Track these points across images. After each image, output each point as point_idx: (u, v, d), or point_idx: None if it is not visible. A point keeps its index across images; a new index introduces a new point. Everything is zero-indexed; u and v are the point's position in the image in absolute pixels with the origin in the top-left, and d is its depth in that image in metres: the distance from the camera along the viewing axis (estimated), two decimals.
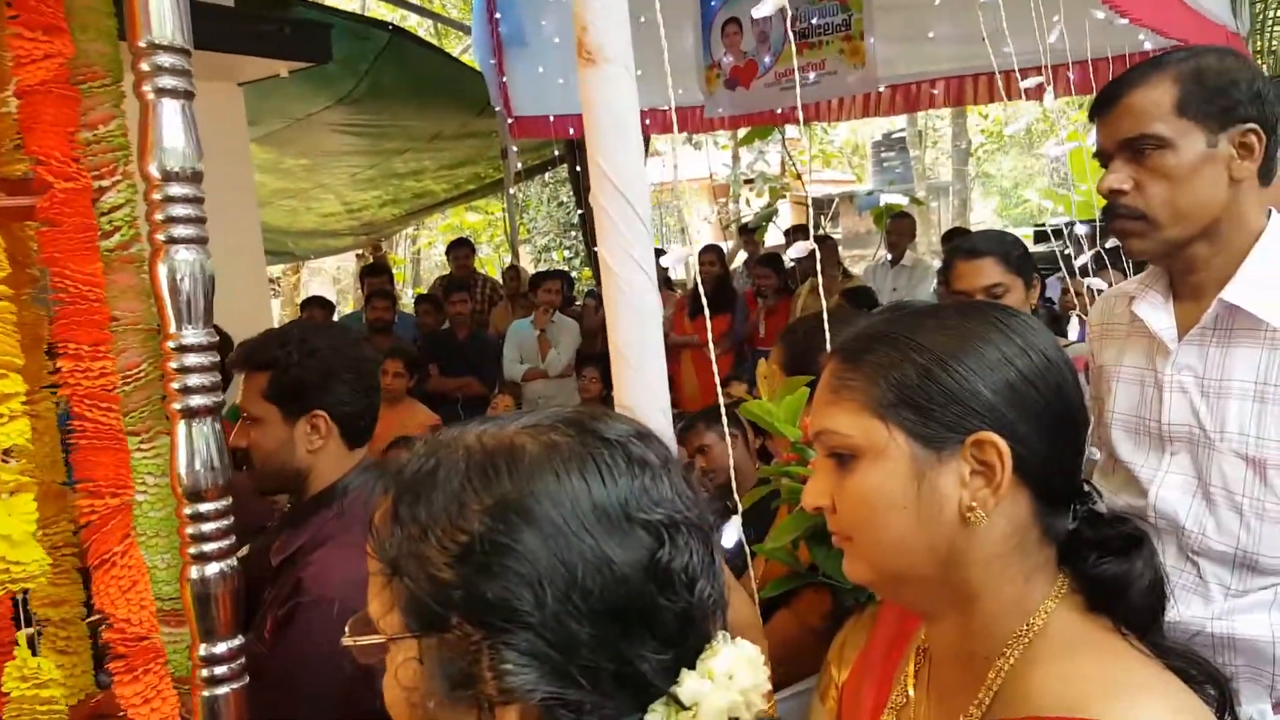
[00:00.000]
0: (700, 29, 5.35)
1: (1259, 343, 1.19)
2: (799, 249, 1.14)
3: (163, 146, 0.94)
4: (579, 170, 7.83)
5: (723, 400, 1.37)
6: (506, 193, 6.49)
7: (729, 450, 1.17)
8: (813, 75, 5.11)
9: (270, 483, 1.50)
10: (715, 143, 12.08)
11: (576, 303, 7.09)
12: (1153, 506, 1.26)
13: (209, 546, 1.08)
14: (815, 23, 5.03)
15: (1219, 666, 0.73)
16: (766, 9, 1.07)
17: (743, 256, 8.00)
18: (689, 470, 0.66)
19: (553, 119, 5.50)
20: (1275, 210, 1.24)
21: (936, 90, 5.01)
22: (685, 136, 9.83)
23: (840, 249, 13.31)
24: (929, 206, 13.94)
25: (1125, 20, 2.99)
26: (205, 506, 1.07)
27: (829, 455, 0.78)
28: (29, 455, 1.14)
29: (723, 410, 1.39)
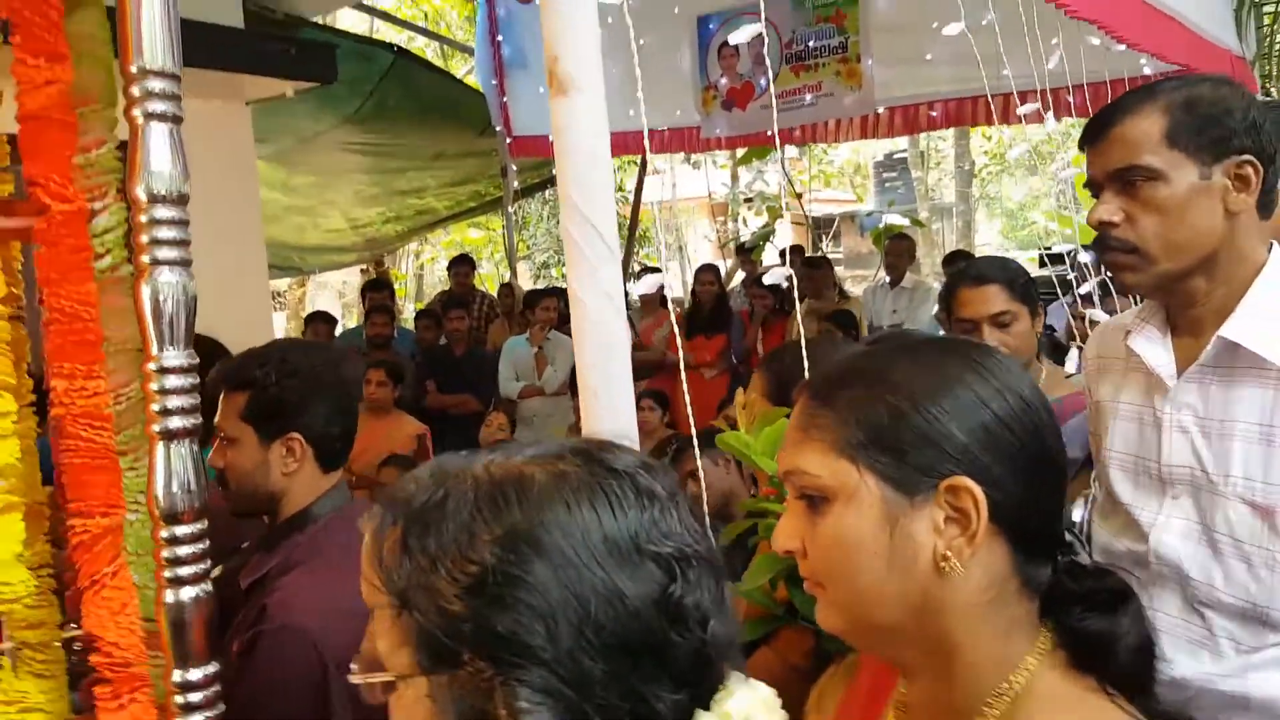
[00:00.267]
0: (697, 51, 5.39)
1: (1263, 383, 1.13)
2: (776, 275, 1.13)
3: (150, 170, 0.93)
4: None
5: (718, 423, 1.35)
6: (505, 210, 6.52)
7: (725, 474, 1.16)
8: (809, 97, 5.14)
9: (245, 504, 1.48)
10: (714, 162, 12.13)
11: None
12: (1154, 552, 1.20)
13: (184, 570, 1.06)
14: (811, 45, 5.07)
15: None
16: (744, 36, 1.08)
17: (740, 276, 8.02)
18: (696, 504, 0.66)
19: (551, 138, 5.54)
20: (1277, 243, 1.20)
21: (935, 112, 5.03)
22: (684, 156, 9.87)
23: (842, 268, 13.33)
24: (931, 228, 13.95)
25: (1123, 46, 3.00)
26: (181, 530, 1.06)
27: (800, 496, 0.75)
28: (17, 475, 1.14)
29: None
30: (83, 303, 1.08)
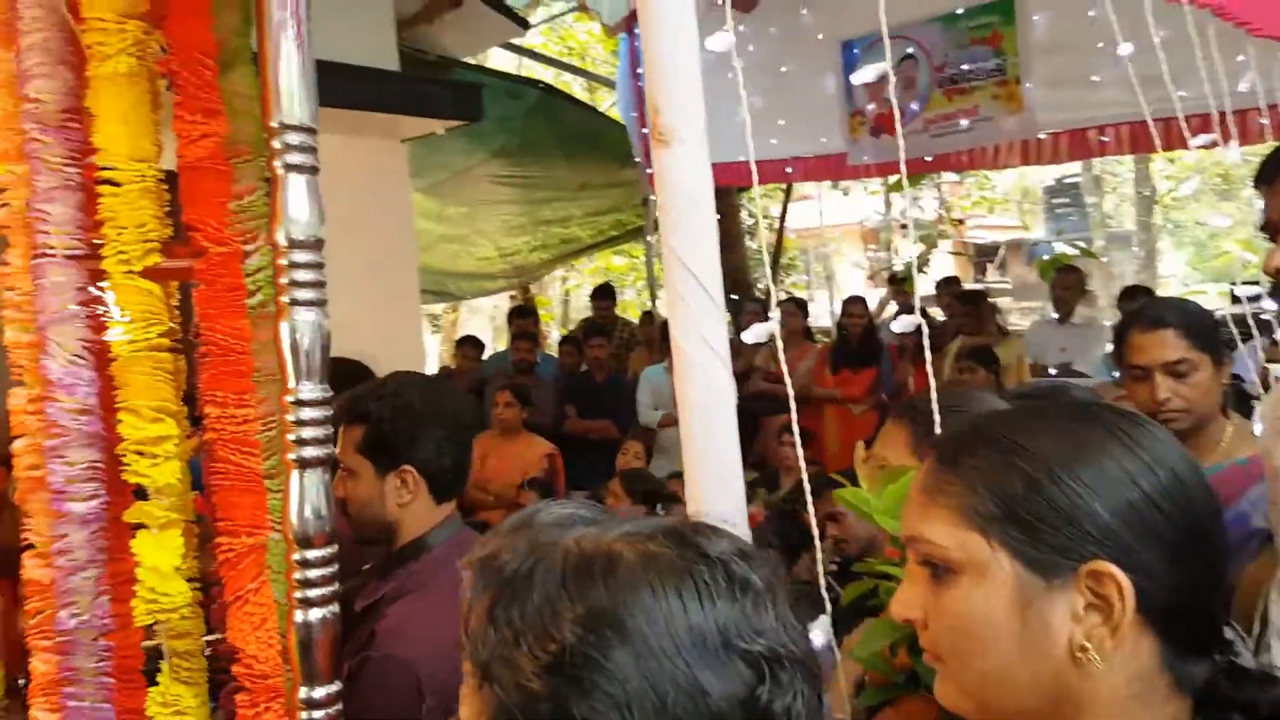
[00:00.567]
0: (843, 76, 5.28)
1: None
2: (903, 323, 1.07)
3: (289, 217, 1.00)
4: (719, 217, 7.87)
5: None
6: (646, 239, 6.62)
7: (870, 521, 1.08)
8: (964, 122, 4.92)
9: (364, 533, 1.52)
10: (865, 188, 11.85)
11: None
12: None
13: (314, 592, 1.12)
14: (965, 69, 4.85)
15: None
16: (869, 75, 1.04)
17: (893, 308, 7.75)
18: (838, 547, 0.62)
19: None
20: None
21: (1106, 137, 4.70)
22: (832, 182, 9.70)
23: (1008, 300, 12.62)
24: (1106, 258, 12.98)
25: None
26: (312, 553, 1.12)
27: (923, 563, 0.71)
28: (177, 494, 1.24)
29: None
30: (236, 337, 1.16)
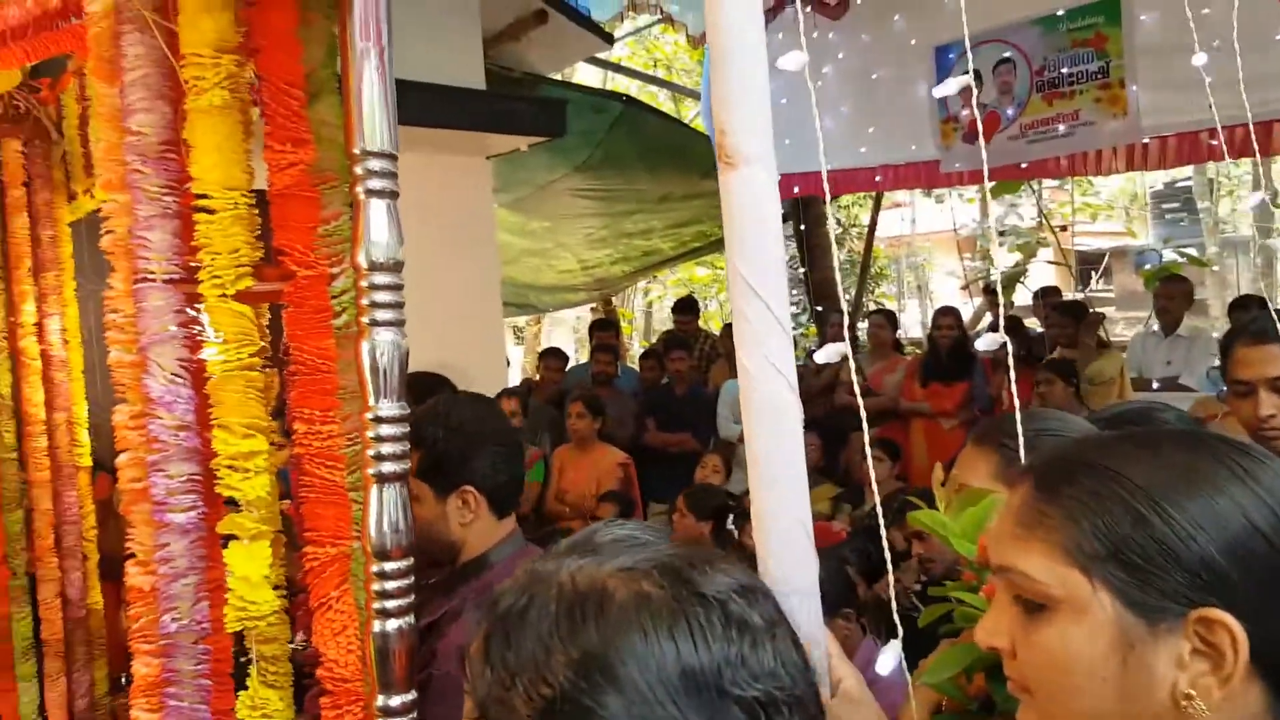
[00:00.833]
0: (936, 81, 5.14)
1: None
2: (989, 341, 1.03)
3: (370, 240, 1.04)
4: (802, 229, 7.78)
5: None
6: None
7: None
8: (1064, 127, 4.73)
9: (430, 553, 1.53)
10: (960, 195, 11.50)
11: (799, 361, 7.00)
12: None
13: (391, 604, 1.15)
14: (1065, 71, 4.67)
15: None
16: (950, 89, 1.01)
17: (988, 319, 7.49)
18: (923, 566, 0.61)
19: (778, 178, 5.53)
20: None
21: (1217, 141, 4.44)
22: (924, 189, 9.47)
23: (1113, 309, 11.99)
24: (1218, 266, 12.23)
25: None
26: (390, 565, 1.15)
27: (1014, 595, 0.68)
28: (266, 506, 1.29)
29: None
30: (323, 356, 1.20)
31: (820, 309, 7.55)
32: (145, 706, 1.30)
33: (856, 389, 1.04)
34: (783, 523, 0.78)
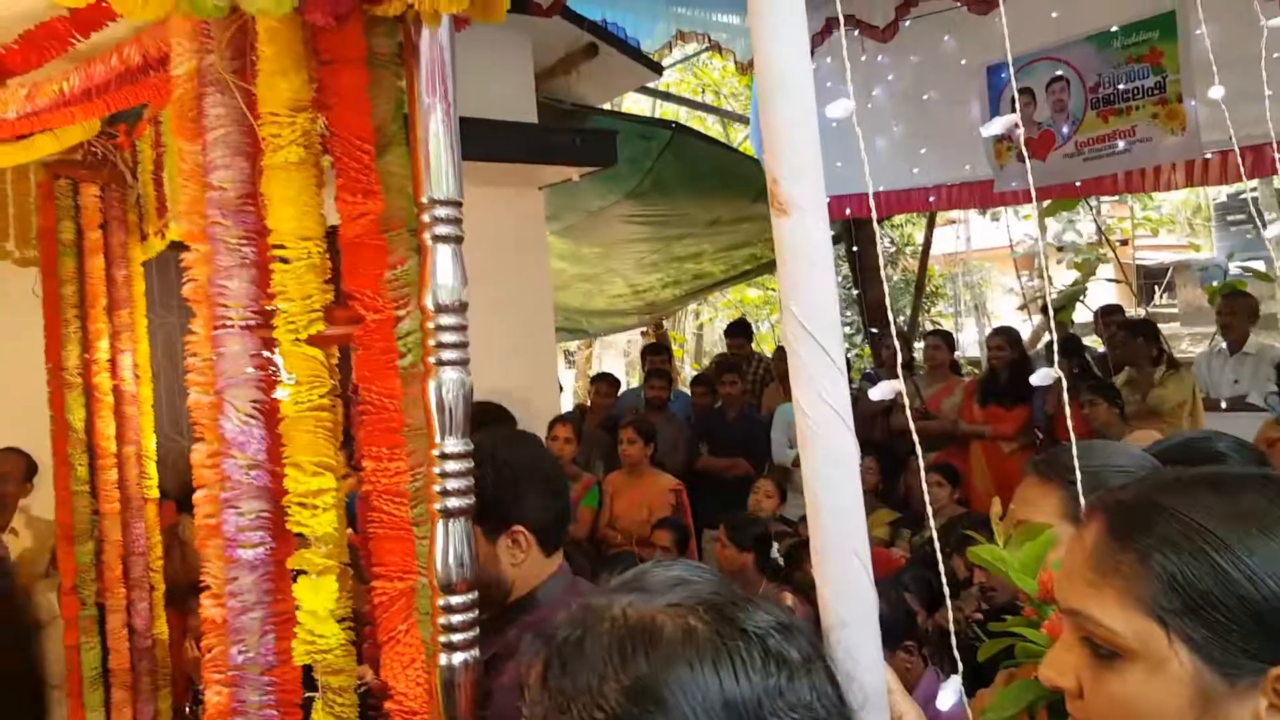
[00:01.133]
0: (988, 101, 5.10)
1: None
2: (1042, 376, 1.01)
3: (436, 283, 1.09)
4: (855, 250, 7.73)
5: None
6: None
7: None
8: (1122, 143, 4.64)
9: (482, 593, 1.49)
10: (1016, 212, 11.28)
11: (853, 384, 6.91)
12: None
13: (457, 637, 1.19)
14: (1122, 88, 4.59)
15: None
16: (997, 128, 1.01)
17: (1047, 339, 7.32)
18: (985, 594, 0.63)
19: (826, 200, 5.51)
20: None
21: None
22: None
23: (1177, 325, 11.59)
24: None
25: None
26: (455, 599, 1.19)
27: (1084, 639, 0.67)
28: (334, 542, 1.32)
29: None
30: (389, 396, 1.24)
31: (874, 330, 7.47)
32: None
33: (909, 415, 1.03)
34: (842, 559, 0.80)
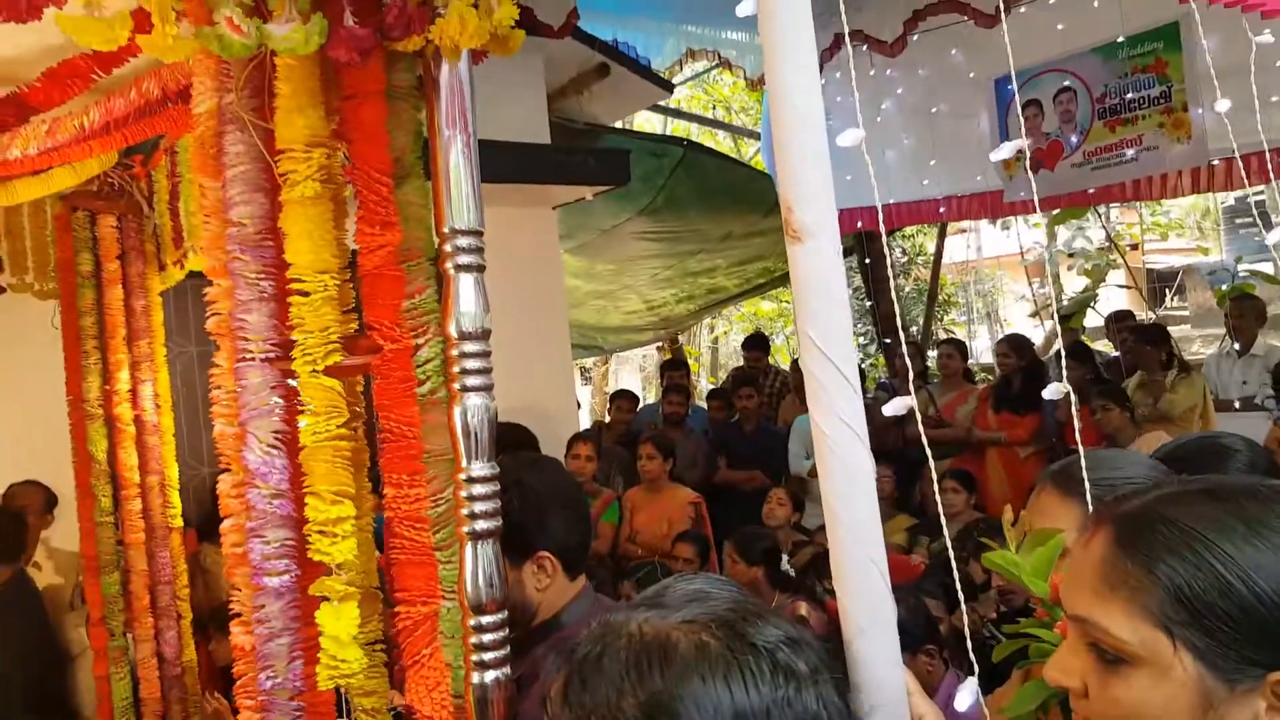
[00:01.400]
0: (996, 113, 5.13)
1: None
2: (1053, 391, 1.02)
3: (460, 311, 1.11)
4: (867, 262, 7.72)
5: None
6: None
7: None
8: (1130, 152, 4.66)
9: (508, 618, 1.51)
10: (1027, 220, 11.25)
11: (868, 394, 6.89)
12: None
13: (488, 655, 1.20)
14: (1128, 97, 4.61)
15: None
16: (1005, 153, 1.02)
17: (1059, 345, 7.28)
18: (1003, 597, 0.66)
19: (839, 213, 5.53)
20: None
21: None
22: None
23: (1188, 328, 11.52)
24: None
25: None
26: (486, 619, 1.21)
27: (1090, 644, 0.70)
28: (355, 568, 1.34)
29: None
30: (408, 424, 1.25)
31: (888, 341, 7.46)
32: None
33: (920, 425, 1.04)
34: (860, 568, 0.82)
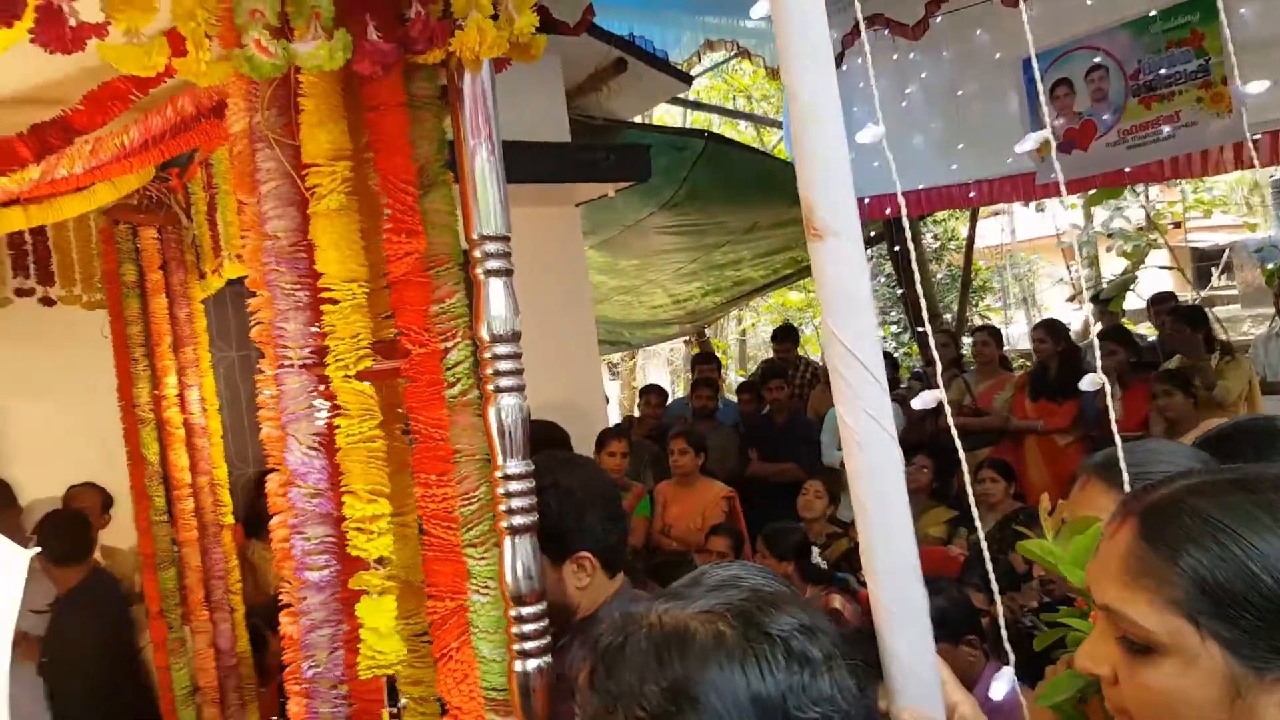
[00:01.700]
0: (1025, 94, 5.04)
1: None
2: (1089, 382, 1.01)
3: (490, 315, 1.15)
4: (898, 250, 7.65)
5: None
6: None
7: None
8: (1167, 129, 4.55)
9: (550, 617, 1.53)
10: (1061, 201, 11.02)
11: (902, 384, 6.84)
12: None
13: (529, 645, 1.25)
14: (1164, 73, 4.50)
15: None
16: (1030, 144, 1.02)
17: (1098, 329, 7.16)
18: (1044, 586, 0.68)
19: (867, 201, 5.48)
20: None
21: None
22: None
23: (1236, 307, 11.22)
24: None
25: None
26: (526, 610, 1.25)
27: (1119, 634, 0.70)
28: (394, 563, 1.38)
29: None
30: (437, 426, 1.29)
31: (921, 329, 7.40)
32: None
33: (949, 417, 1.01)
34: (892, 565, 0.83)
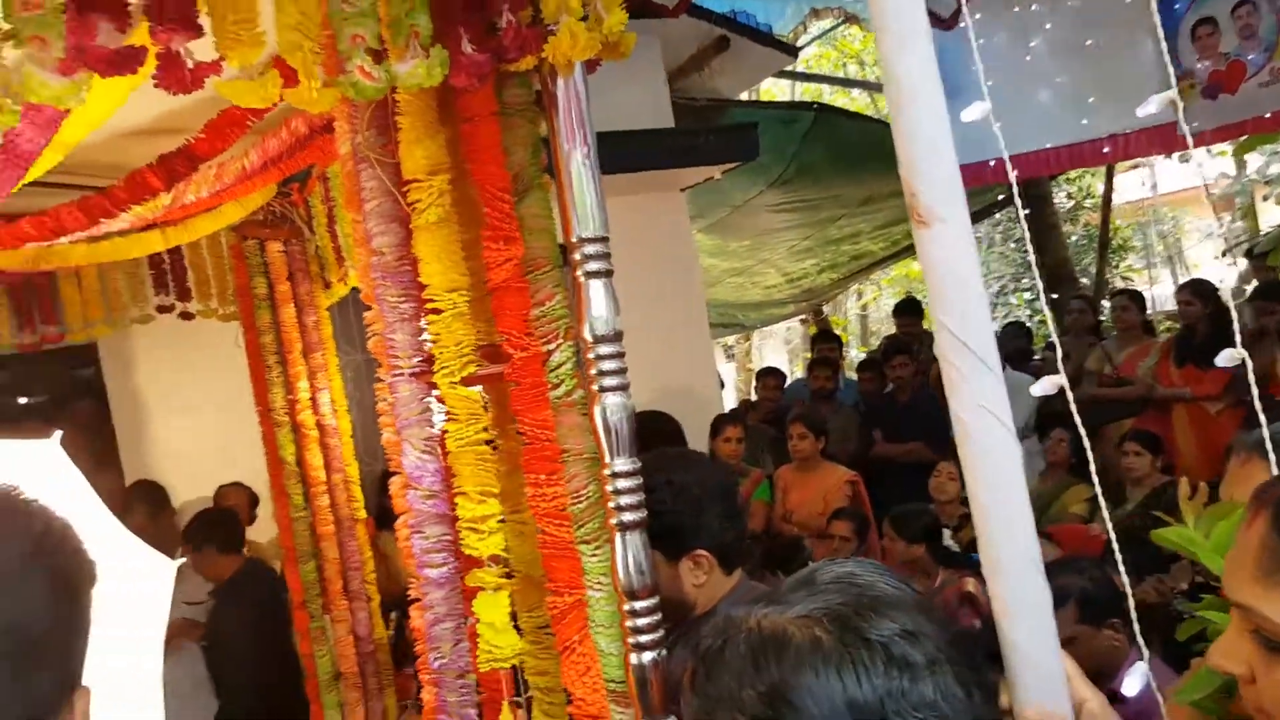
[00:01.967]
0: (1162, 36, 4.65)
1: None
2: (1226, 358, 0.92)
3: (592, 316, 1.16)
4: (1028, 213, 7.23)
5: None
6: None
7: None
8: None
9: (665, 614, 1.55)
10: (1209, 150, 10.16)
11: (1036, 356, 6.49)
12: None
13: (644, 638, 1.26)
14: None
15: None
16: (1153, 107, 0.93)
17: (1250, 288, 6.57)
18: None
19: (991, 164, 5.20)
20: None
21: None
22: None
23: None
24: None
25: None
26: (639, 604, 1.27)
27: (1254, 631, 0.69)
28: (514, 559, 1.41)
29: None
30: (543, 426, 1.31)
31: (1055, 296, 6.99)
32: None
33: (1066, 385, 0.92)
34: (1012, 558, 0.80)
